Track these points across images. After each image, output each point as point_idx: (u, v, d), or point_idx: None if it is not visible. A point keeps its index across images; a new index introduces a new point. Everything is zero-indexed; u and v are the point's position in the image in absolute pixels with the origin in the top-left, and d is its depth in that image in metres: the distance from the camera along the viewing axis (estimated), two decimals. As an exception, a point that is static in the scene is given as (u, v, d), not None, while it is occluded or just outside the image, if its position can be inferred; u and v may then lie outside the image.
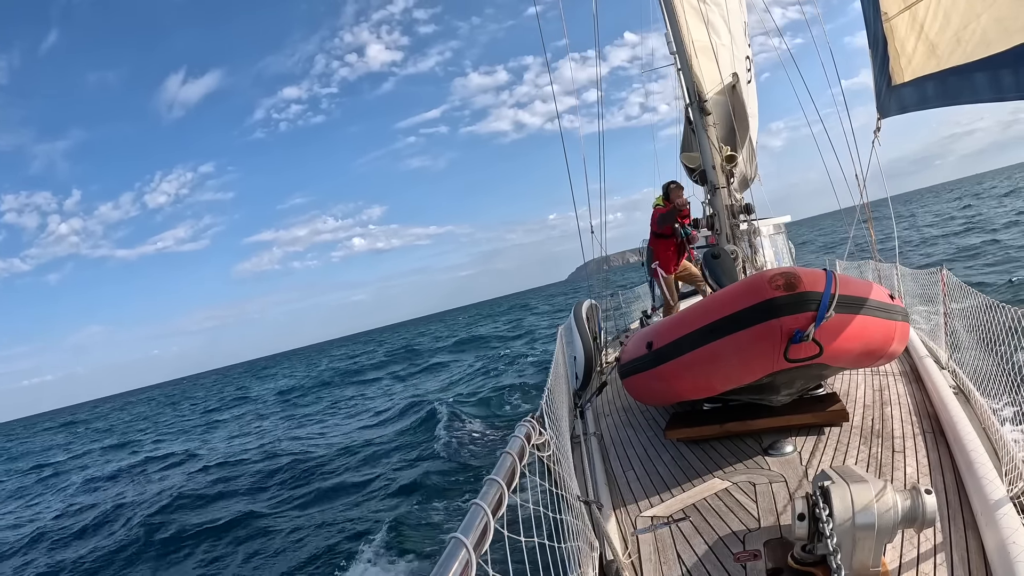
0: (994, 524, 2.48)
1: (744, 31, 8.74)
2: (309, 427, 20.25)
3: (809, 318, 3.19)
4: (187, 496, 13.19)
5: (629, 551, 3.08)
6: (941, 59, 2.65)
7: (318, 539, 9.09)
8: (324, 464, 13.54)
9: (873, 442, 3.69)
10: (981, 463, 2.94)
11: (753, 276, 3.52)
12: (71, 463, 26.34)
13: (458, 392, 19.53)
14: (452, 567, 1.35)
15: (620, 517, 3.45)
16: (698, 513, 3.27)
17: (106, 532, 12.38)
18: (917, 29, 2.80)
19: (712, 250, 6.22)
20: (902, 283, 6.50)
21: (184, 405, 51.63)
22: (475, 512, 1.59)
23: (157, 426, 36.12)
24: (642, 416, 5.22)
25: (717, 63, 6.73)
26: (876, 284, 3.83)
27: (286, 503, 11.41)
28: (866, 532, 2.27)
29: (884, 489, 2.32)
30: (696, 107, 6.46)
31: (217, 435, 23.87)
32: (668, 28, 6.77)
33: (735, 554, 2.82)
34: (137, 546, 10.74)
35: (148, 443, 27.00)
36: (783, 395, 3.89)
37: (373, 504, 10.18)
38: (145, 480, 16.89)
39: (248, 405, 34.57)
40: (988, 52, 2.22)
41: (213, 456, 17.75)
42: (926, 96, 2.95)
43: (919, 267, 7.13)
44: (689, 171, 7.92)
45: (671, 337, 3.85)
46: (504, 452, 2.08)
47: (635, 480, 3.93)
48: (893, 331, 3.66)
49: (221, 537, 10.14)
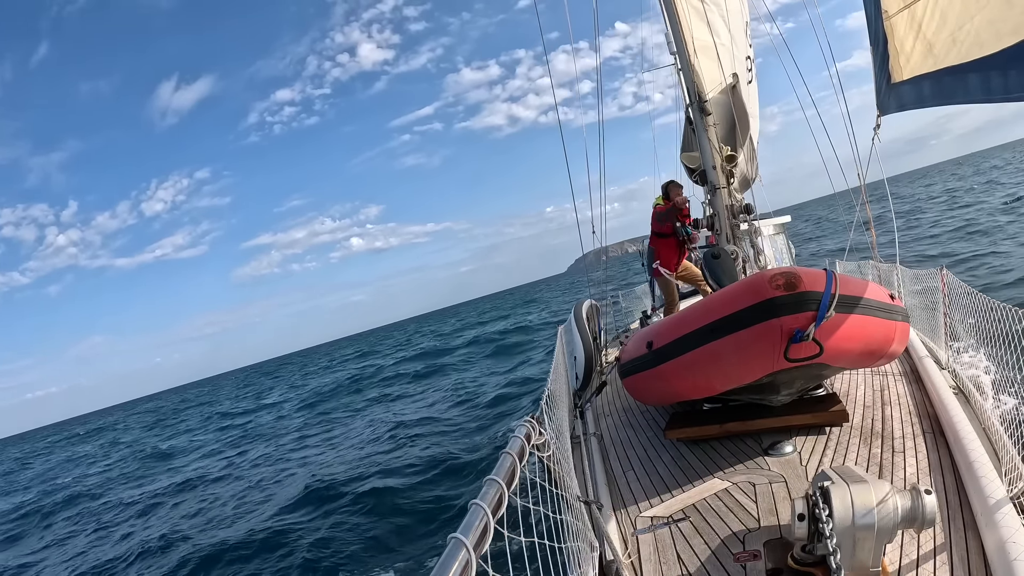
0: (994, 524, 2.48)
1: (745, 31, 8.74)
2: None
3: (809, 318, 3.19)
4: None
5: (629, 551, 3.08)
6: (938, 59, 2.66)
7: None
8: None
9: (873, 442, 3.69)
10: (981, 463, 2.94)
11: (753, 276, 3.52)
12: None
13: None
14: (452, 567, 1.35)
15: (620, 517, 3.45)
16: (698, 513, 3.27)
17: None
18: (916, 28, 2.81)
19: (712, 250, 6.22)
20: (902, 283, 6.50)
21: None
22: (475, 512, 1.59)
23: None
24: (642, 416, 5.22)
25: (719, 62, 6.73)
26: (876, 284, 3.84)
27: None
28: (866, 532, 2.27)
29: (884, 489, 2.32)
30: (696, 107, 6.46)
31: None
32: (668, 28, 6.77)
33: (735, 554, 2.82)
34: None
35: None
36: (783, 395, 3.89)
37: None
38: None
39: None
40: (981, 53, 2.23)
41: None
42: (923, 95, 2.96)
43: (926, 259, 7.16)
44: (689, 171, 7.91)
45: (671, 337, 3.85)
46: (504, 452, 2.08)
47: (635, 480, 3.93)
48: (893, 331, 3.66)
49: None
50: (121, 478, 22.23)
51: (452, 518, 8.51)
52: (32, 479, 31.65)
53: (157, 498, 15.98)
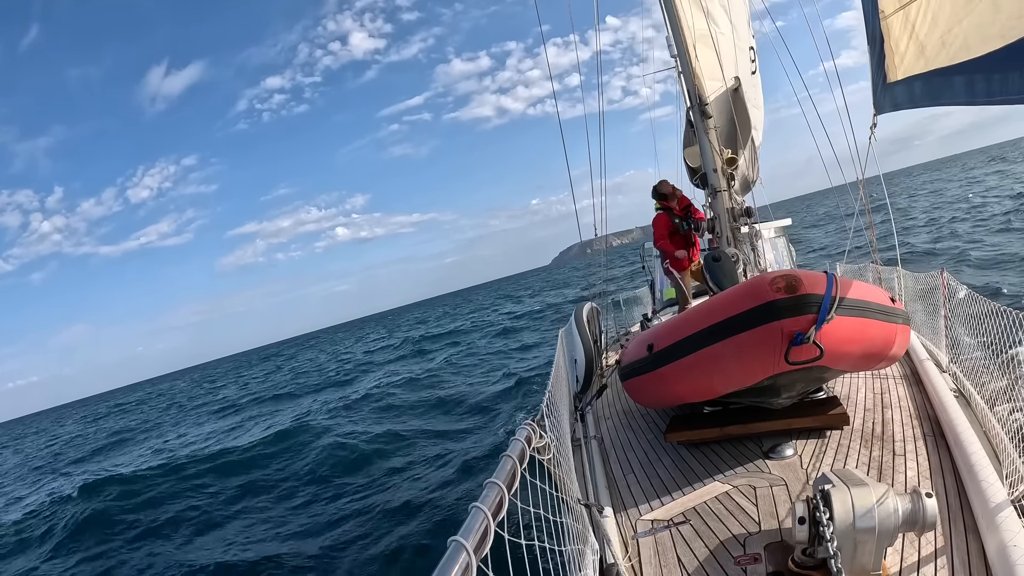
0: (995, 527, 2.48)
1: (747, 21, 8.68)
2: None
3: (810, 320, 3.19)
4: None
5: (629, 554, 3.07)
6: (928, 60, 2.69)
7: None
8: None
9: (874, 445, 3.69)
10: (982, 466, 2.93)
11: (754, 278, 3.52)
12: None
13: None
14: (452, 571, 1.35)
15: (620, 520, 3.45)
16: (698, 516, 3.27)
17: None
18: (909, 29, 2.84)
19: (713, 253, 6.21)
20: (902, 285, 6.50)
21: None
22: (475, 515, 1.59)
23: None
24: (642, 419, 5.21)
25: (718, 56, 6.70)
26: (877, 287, 3.83)
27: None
28: (867, 536, 2.27)
29: (885, 493, 2.31)
30: (697, 109, 6.46)
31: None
32: (669, 29, 6.76)
33: (736, 558, 2.81)
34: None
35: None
36: (784, 398, 3.88)
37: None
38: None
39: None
40: (968, 56, 2.25)
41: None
42: (914, 95, 2.99)
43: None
44: (691, 172, 7.88)
45: (672, 339, 3.85)
46: (504, 455, 2.08)
47: (635, 483, 3.92)
48: (894, 334, 3.66)
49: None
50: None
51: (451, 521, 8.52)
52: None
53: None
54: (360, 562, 8.07)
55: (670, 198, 6.70)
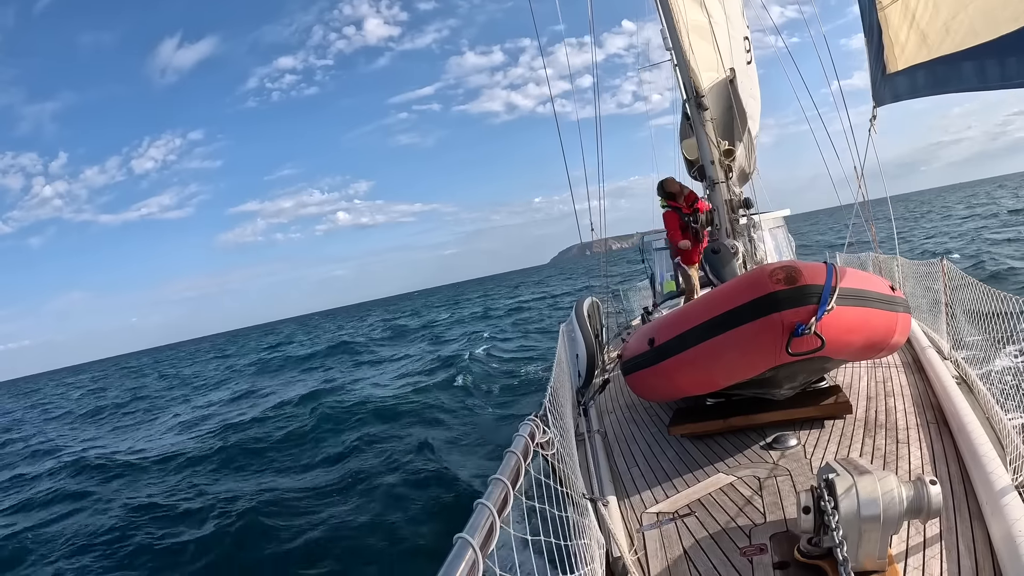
0: (999, 513, 2.48)
1: (741, 11, 8.64)
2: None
3: (810, 311, 3.19)
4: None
5: (635, 547, 3.08)
6: (932, 48, 2.68)
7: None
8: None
9: (877, 434, 3.69)
10: (985, 453, 2.94)
11: (754, 270, 3.52)
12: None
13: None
14: (459, 568, 1.35)
15: (625, 514, 3.45)
16: (703, 508, 3.27)
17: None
18: (909, 18, 2.83)
19: (712, 245, 6.21)
20: (902, 274, 6.49)
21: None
22: (481, 512, 1.59)
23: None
24: (645, 412, 5.22)
25: (716, 46, 6.68)
26: (877, 276, 3.83)
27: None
28: (872, 524, 2.27)
29: (889, 480, 2.31)
30: (693, 103, 6.44)
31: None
32: (663, 23, 6.74)
33: (741, 548, 2.82)
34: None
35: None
36: (786, 389, 3.88)
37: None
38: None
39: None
40: (976, 41, 2.24)
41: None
42: (917, 85, 2.98)
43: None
44: (688, 164, 7.86)
45: (673, 333, 3.85)
46: (508, 451, 2.08)
47: (640, 476, 3.93)
48: (895, 322, 3.66)
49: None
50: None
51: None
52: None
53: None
54: (360, 562, 8.06)
55: (678, 197, 6.66)
